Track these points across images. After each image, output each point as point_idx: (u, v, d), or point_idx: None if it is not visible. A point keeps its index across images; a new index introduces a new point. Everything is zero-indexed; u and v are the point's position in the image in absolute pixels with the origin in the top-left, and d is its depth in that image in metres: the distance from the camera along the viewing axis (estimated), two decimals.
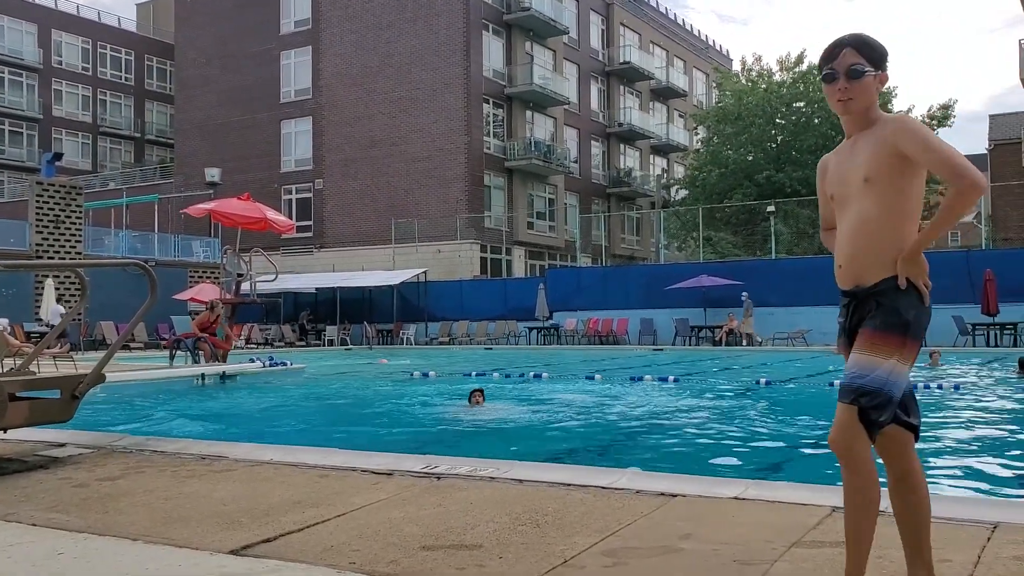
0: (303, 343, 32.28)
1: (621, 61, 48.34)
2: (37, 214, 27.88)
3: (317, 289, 34.41)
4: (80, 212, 29.25)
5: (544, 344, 29.12)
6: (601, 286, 30.75)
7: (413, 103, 38.40)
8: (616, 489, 4.08)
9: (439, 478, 4.44)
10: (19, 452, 5.56)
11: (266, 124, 42.60)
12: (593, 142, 47.13)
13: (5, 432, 5.14)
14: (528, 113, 41.16)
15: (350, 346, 30.76)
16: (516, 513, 3.66)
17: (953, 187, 2.40)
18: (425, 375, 15.33)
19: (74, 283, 27.68)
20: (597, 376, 14.08)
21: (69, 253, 28.40)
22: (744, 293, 26.13)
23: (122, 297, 24.26)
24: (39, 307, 25.77)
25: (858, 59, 2.59)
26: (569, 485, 4.19)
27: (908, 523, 2.55)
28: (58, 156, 33.60)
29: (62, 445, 5.83)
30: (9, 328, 19.13)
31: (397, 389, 13.21)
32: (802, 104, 41.42)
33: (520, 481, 4.32)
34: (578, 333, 29.34)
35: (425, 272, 33.66)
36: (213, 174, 35.03)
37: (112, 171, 53.79)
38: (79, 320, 24.92)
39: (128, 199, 40.08)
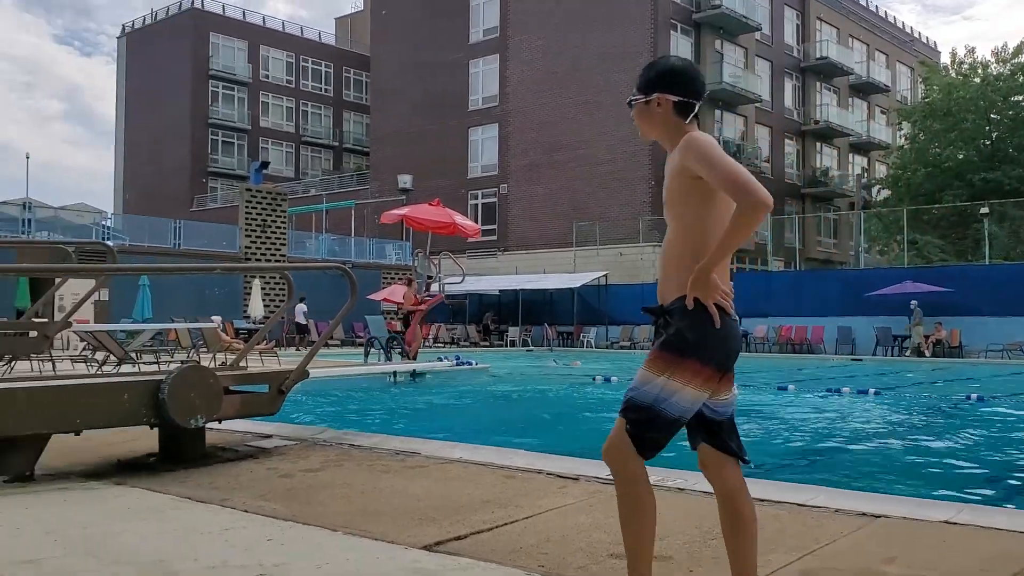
0: (487, 343, 33.02)
1: (818, 56, 46.36)
2: (246, 219, 30.04)
3: (500, 291, 35.11)
4: (284, 217, 31.26)
5: None
6: (794, 292, 29.52)
7: (598, 107, 38.42)
8: (813, 507, 3.89)
9: None
10: (231, 442, 5.98)
11: (455, 131, 43.90)
12: (787, 140, 45.45)
13: (220, 423, 5.52)
14: (717, 112, 40.22)
15: (531, 347, 31.16)
16: (706, 527, 3.55)
17: (738, 205, 2.34)
18: (607, 380, 15.26)
19: (279, 284, 29.61)
20: (790, 387, 13.52)
21: (275, 255, 30.39)
22: (913, 301, 24.47)
23: (321, 297, 25.68)
24: (247, 305, 27.74)
25: (633, 91, 2.66)
26: (762, 500, 4.02)
27: (730, 543, 2.59)
28: (265, 164, 36.08)
29: (269, 436, 6.22)
30: (221, 325, 20.65)
31: (578, 392, 13.23)
32: (1021, 97, 38.18)
33: (710, 494, 4.19)
34: (768, 341, 28.36)
35: (606, 275, 33.60)
36: (405, 181, 36.51)
37: (313, 178, 57.08)
38: (283, 320, 26.56)
39: (327, 205, 42.40)
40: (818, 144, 47.50)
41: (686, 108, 2.59)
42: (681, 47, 38.77)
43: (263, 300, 27.25)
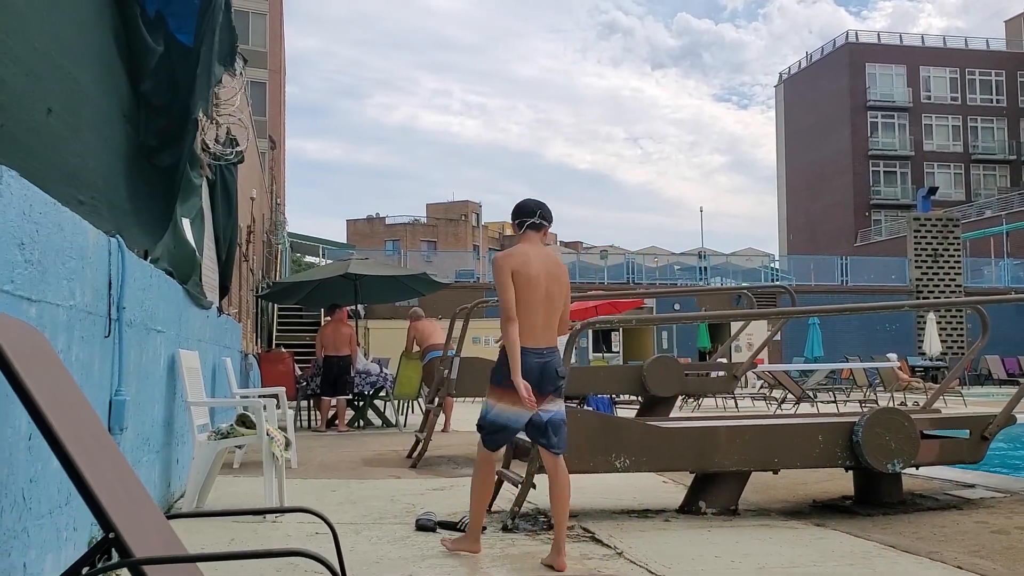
0: None
1: None
2: (915, 249, 28.72)
3: None
4: (957, 244, 29.11)
5: None
6: None
7: None
8: None
9: None
10: (929, 489, 5.64)
11: None
12: None
13: (917, 468, 5.25)
14: None
15: None
16: None
17: None
18: None
19: (955, 317, 27.60)
20: None
21: (948, 286, 28.43)
22: None
23: (1007, 330, 23.34)
24: (921, 341, 26.31)
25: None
26: None
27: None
28: (933, 190, 34.12)
29: (972, 486, 5.72)
30: (897, 363, 19.91)
31: None
32: None
33: None
34: None
35: None
36: None
37: (988, 198, 52.19)
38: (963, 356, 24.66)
39: (1008, 226, 38.34)
40: None
41: (520, 226, 4.06)
42: None
43: (940, 335, 25.62)
